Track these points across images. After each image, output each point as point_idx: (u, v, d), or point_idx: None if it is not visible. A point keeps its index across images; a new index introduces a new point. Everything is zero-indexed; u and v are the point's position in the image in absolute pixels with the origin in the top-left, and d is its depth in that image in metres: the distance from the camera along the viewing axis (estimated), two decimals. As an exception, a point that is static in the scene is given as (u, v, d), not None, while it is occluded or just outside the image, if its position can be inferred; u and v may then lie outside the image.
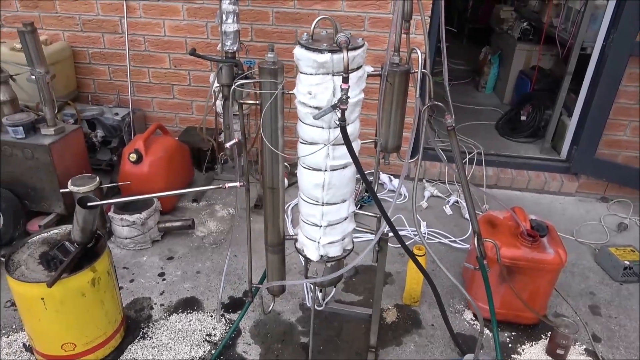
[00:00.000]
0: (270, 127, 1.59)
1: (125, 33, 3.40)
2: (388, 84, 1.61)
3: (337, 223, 1.74)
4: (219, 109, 2.94)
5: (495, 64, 5.05)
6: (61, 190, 2.68)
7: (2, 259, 2.59)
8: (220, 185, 1.82)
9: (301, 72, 1.50)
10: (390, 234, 1.77)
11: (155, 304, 2.37)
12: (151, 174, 2.90)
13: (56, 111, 2.76)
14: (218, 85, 2.85)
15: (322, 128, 1.53)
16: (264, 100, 1.55)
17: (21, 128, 2.62)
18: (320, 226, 1.72)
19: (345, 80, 1.30)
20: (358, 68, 1.49)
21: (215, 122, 3.07)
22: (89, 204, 1.79)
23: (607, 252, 2.68)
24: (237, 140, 1.71)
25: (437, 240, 2.87)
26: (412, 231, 2.89)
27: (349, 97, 1.33)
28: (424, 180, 3.49)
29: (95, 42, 3.51)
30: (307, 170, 1.65)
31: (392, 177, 3.48)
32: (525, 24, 4.62)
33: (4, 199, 2.69)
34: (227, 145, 1.72)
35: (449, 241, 2.85)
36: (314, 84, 1.47)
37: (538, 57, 4.43)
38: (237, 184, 1.80)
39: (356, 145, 1.62)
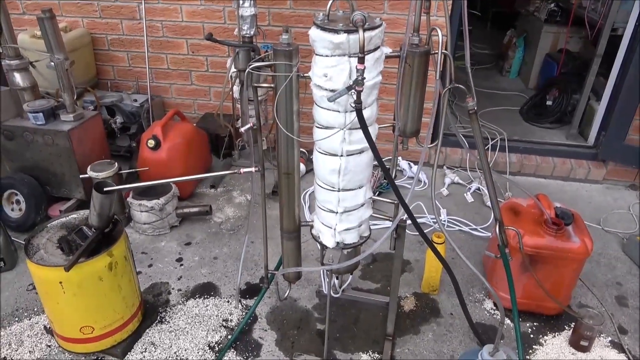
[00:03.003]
0: (285, 111, 1.55)
1: (143, 19, 3.39)
2: (407, 65, 1.55)
3: (354, 209, 1.70)
4: (236, 95, 2.92)
5: (521, 48, 4.89)
6: (81, 176, 2.71)
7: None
8: (236, 171, 1.80)
9: (316, 54, 1.45)
10: (409, 221, 1.73)
11: (172, 289, 2.38)
12: (169, 160, 2.90)
13: (75, 97, 2.77)
14: (235, 70, 2.83)
15: (338, 112, 1.49)
16: (279, 84, 1.52)
17: (41, 114, 2.64)
18: (337, 212, 1.68)
19: (361, 60, 1.25)
20: (375, 49, 1.43)
21: (233, 108, 3.05)
22: (105, 189, 1.80)
23: (635, 241, 2.58)
24: (251, 124, 1.69)
25: (458, 228, 2.81)
26: (431, 219, 2.83)
27: (364, 79, 1.27)
28: (444, 167, 3.42)
29: (114, 29, 3.52)
30: (322, 155, 1.61)
31: (411, 163, 3.41)
32: (552, 5, 4.44)
33: (26, 185, 2.74)
34: (242, 129, 1.69)
35: (470, 229, 2.79)
36: (329, 65, 1.42)
37: (565, 40, 4.27)
38: (253, 169, 1.77)
39: (373, 130, 1.58)
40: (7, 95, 2.73)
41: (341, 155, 1.57)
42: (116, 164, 2.72)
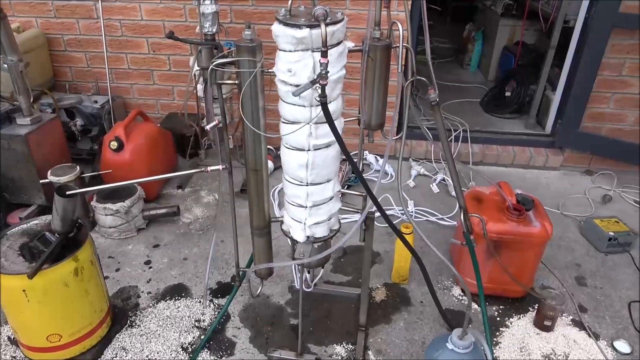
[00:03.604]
0: (250, 107, 1.55)
1: (100, 18, 3.30)
2: (370, 59, 1.58)
3: (323, 203, 1.71)
4: (201, 94, 2.89)
5: (479, 41, 5.03)
6: (41, 181, 2.62)
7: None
8: (203, 169, 1.79)
9: (280, 50, 1.46)
10: (377, 213, 1.76)
11: (142, 292, 2.34)
12: (133, 161, 2.85)
13: (32, 100, 2.68)
14: (198, 68, 2.80)
15: (304, 106, 1.50)
16: (243, 80, 1.52)
17: (-5, 118, 2.55)
18: (306, 207, 1.70)
19: (324, 54, 1.27)
20: (338, 43, 1.45)
21: (198, 107, 3.01)
22: (67, 192, 1.75)
23: (592, 224, 2.71)
24: (217, 122, 1.68)
25: (425, 218, 2.87)
26: (399, 210, 2.89)
27: (328, 72, 1.29)
28: (410, 160, 3.49)
29: (70, 29, 3.42)
30: (290, 151, 1.62)
31: (378, 157, 3.46)
32: (507, -1, 4.59)
33: (-19, 192, 2.63)
34: (207, 127, 1.68)
35: (437, 219, 2.86)
36: (293, 61, 1.43)
37: (521, 33, 4.41)
38: (220, 167, 1.77)
39: (339, 124, 1.59)
40: (-43, 99, 2.62)
41: (308, 150, 1.58)
42: (78, 167, 2.64)
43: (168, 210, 2.80)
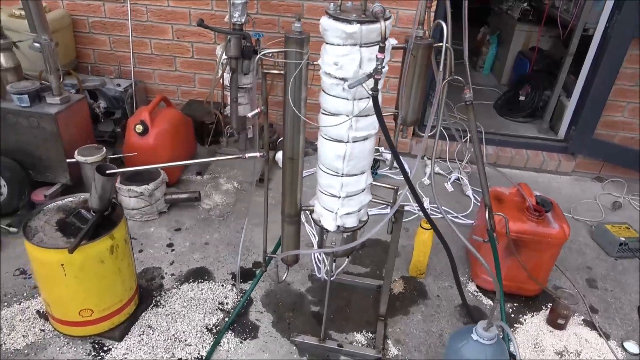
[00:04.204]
0: (293, 97, 1.60)
1: (127, 2, 3.33)
2: (412, 57, 1.63)
3: (355, 194, 1.77)
4: (227, 82, 2.94)
5: (494, 44, 5.08)
6: (67, 160, 2.67)
7: (7, 228, 2.60)
8: (240, 155, 1.84)
9: (327, 43, 1.51)
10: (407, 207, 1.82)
11: (165, 273, 2.40)
12: (157, 145, 2.89)
13: (62, 80, 2.72)
14: (226, 57, 2.84)
15: (347, 99, 1.55)
16: (289, 71, 1.57)
17: (26, 96, 2.58)
18: (339, 197, 1.75)
19: (382, 50, 1.32)
20: (385, 40, 1.50)
21: (223, 95, 3.06)
22: (107, 171, 1.80)
23: (603, 229, 2.78)
24: (259, 109, 1.72)
25: (440, 216, 2.92)
26: (415, 207, 2.95)
27: (384, 67, 1.34)
28: (425, 158, 3.54)
29: (95, 11, 3.45)
30: (328, 142, 1.67)
31: (394, 154, 3.52)
32: (525, 4, 4.64)
33: (7, 169, 2.67)
34: (249, 115, 1.73)
35: (452, 217, 2.92)
36: (340, 54, 1.48)
37: (537, 38, 4.46)
38: (257, 154, 1.82)
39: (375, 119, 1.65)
40: (-13, 76, 2.65)
41: (347, 142, 1.64)
42: (104, 148, 2.69)
43: (190, 195, 2.85)
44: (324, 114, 1.64)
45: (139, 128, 2.86)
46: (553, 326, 2.20)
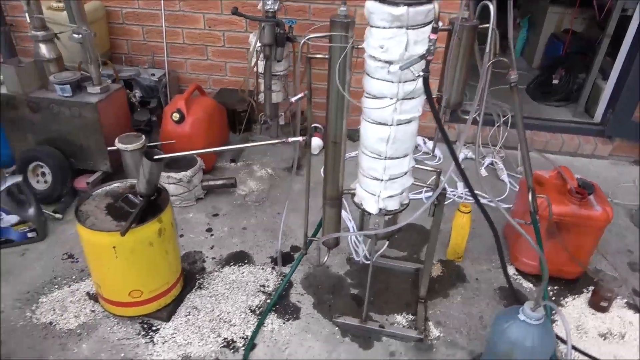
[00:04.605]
0: (339, 80, 1.61)
1: (160, -7, 3.37)
2: (457, 39, 1.62)
3: (398, 177, 1.78)
4: (261, 70, 2.96)
5: (524, 28, 4.98)
6: (108, 148, 2.74)
7: (53, 214, 2.69)
8: (283, 140, 1.87)
9: (372, 26, 1.51)
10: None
11: (207, 257, 2.45)
12: (192, 133, 2.94)
13: (101, 70, 2.78)
14: (260, 45, 2.86)
15: (392, 82, 1.55)
16: (334, 55, 1.58)
17: (68, 86, 2.65)
18: (382, 180, 1.76)
19: (435, 31, 1.32)
20: (438, 20, 1.50)
21: (257, 83, 3.08)
22: (155, 156, 1.85)
23: (643, 212, 2.73)
24: (303, 94, 1.74)
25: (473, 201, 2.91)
26: (450, 191, 2.94)
27: (434, 48, 1.34)
28: (457, 143, 3.52)
29: (128, 2, 3.50)
30: (371, 125, 1.68)
31: (425, 139, 3.51)
32: (558, -14, 4.53)
33: (51, 157, 2.75)
34: (293, 99, 1.75)
35: (487, 201, 2.90)
36: (386, 37, 1.48)
37: (571, 20, 4.36)
38: (300, 138, 1.84)
39: (420, 101, 1.65)
40: (31, 67, 2.72)
41: (391, 125, 1.64)
42: (143, 136, 2.75)
43: (226, 181, 2.90)
44: (367, 97, 1.65)
45: (176, 116, 2.91)
46: (595, 309, 2.19)
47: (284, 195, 2.95)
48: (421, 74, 1.39)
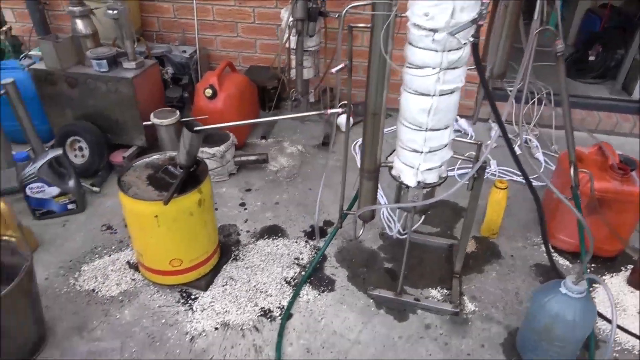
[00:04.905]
0: (379, 52, 1.60)
1: (191, -32, 3.37)
2: (504, 6, 1.59)
3: (438, 150, 1.76)
4: (293, 45, 2.94)
5: (559, 3, 4.82)
6: (144, 123, 2.78)
7: (91, 187, 2.75)
8: (322, 112, 1.87)
9: (417, -7, 1.49)
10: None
11: (241, 230, 2.49)
12: (225, 109, 2.96)
13: (136, 45, 2.81)
14: (293, 19, 2.84)
15: (436, 51, 1.53)
16: (377, 23, 1.56)
17: (105, 61, 2.69)
18: (421, 152, 1.75)
19: (487, -7, 1.29)
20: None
21: (288, 59, 3.07)
22: (195, 128, 1.87)
23: (685, 191, 2.65)
24: (343, 64, 1.73)
25: (509, 177, 2.88)
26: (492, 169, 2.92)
27: (488, 12, 1.32)
28: (489, 121, 3.46)
29: (160, -21, 3.51)
30: (413, 95, 1.66)
31: (457, 117, 3.46)
32: (596, -41, 4.37)
33: (88, 132, 2.81)
34: (333, 70, 1.74)
35: (522, 179, 2.86)
36: (432, 4, 1.46)
37: (610, -6, 4.21)
38: (338, 110, 1.84)
39: (464, 71, 1.63)
40: (68, 42, 2.76)
41: (433, 95, 1.62)
42: (178, 111, 2.78)
43: (258, 157, 2.92)
44: (409, 67, 1.63)
45: (209, 92, 2.93)
46: (634, 287, 2.15)
47: (314, 171, 2.96)
48: (470, 39, 1.36)
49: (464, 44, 1.49)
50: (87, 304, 2.08)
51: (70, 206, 2.59)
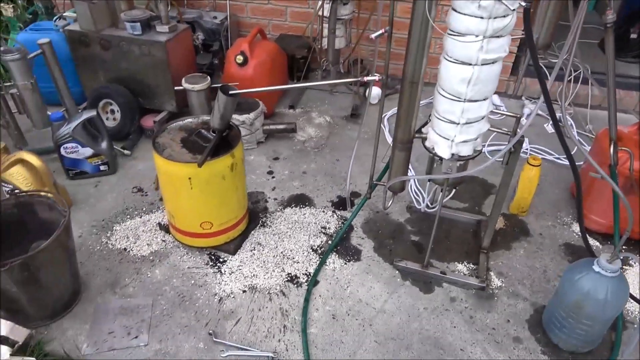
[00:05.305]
0: (421, 17, 1.56)
1: None
2: (554, -27, 1.53)
3: (475, 121, 1.73)
4: (326, 13, 2.90)
5: (600, -21, 4.62)
6: (175, 88, 2.79)
7: (122, 150, 2.80)
8: (359, 78, 1.84)
9: (465, -44, 1.44)
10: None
11: (269, 197, 2.51)
12: (255, 76, 2.95)
13: (169, 9, 2.80)
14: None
15: (482, 18, 1.49)
16: (421, -11, 1.52)
17: (139, 24, 2.69)
18: (458, 123, 1.72)
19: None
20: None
21: (321, 27, 3.03)
22: (230, 92, 1.87)
23: None
24: (383, 30, 1.70)
25: (541, 156, 2.82)
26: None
27: (540, -25, 1.27)
28: (523, 98, 3.38)
29: (191, -57, 3.46)
30: (453, 64, 1.62)
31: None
32: None
33: (121, 95, 2.84)
34: (373, 36, 1.71)
35: (554, 158, 2.80)
36: (480, -31, 1.41)
37: (657, -31, 4.00)
38: (376, 77, 1.81)
39: (508, 40, 1.58)
40: (103, 4, 2.77)
41: (474, 64, 1.59)
42: (209, 77, 2.78)
43: (287, 126, 2.92)
44: (450, 34, 1.59)
45: (240, 59, 2.92)
46: (667, 271, 2.12)
47: (342, 142, 2.95)
48: (523, 4, 1.31)
49: (513, 10, 1.45)
50: (120, 262, 2.14)
51: (102, 167, 2.64)
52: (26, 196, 1.98)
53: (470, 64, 1.58)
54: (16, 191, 2.15)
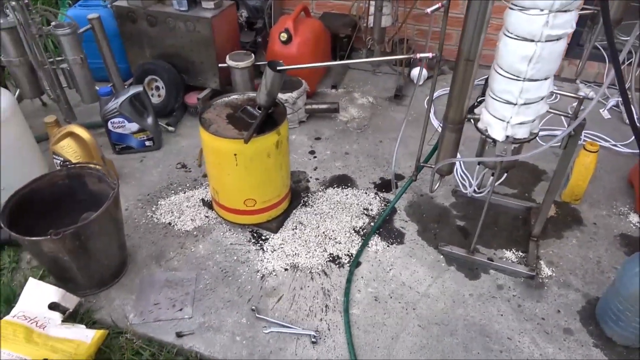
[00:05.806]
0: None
1: None
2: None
3: (534, 102, 1.64)
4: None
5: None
6: (219, 65, 2.79)
7: (166, 126, 2.82)
8: (412, 55, 1.78)
9: None
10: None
11: (310, 177, 2.49)
12: (299, 54, 2.91)
13: (213, -15, 2.78)
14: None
15: (549, -10, 1.40)
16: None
17: (185, 0, 2.68)
18: (515, 104, 1.64)
19: None
20: None
21: (368, 5, 2.95)
22: (278, 67, 1.84)
23: None
24: (440, 4, 1.62)
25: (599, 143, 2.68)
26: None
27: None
28: (577, 81, 3.22)
29: None
30: (514, 41, 1.53)
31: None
32: None
33: (166, 72, 2.86)
34: (429, 10, 1.63)
35: (610, 145, 2.66)
36: None
37: None
38: (429, 54, 1.74)
39: (575, 16, 1.48)
40: (149, -20, 2.77)
41: (538, 41, 1.50)
42: (253, 55, 2.76)
43: (329, 106, 2.87)
44: (513, 8, 1.51)
45: (284, 36, 2.88)
46: None
47: (385, 123, 2.89)
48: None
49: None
50: (164, 236, 2.17)
51: (147, 143, 2.67)
52: (77, 168, 2.02)
53: (533, 41, 1.50)
54: (67, 163, 2.21)
